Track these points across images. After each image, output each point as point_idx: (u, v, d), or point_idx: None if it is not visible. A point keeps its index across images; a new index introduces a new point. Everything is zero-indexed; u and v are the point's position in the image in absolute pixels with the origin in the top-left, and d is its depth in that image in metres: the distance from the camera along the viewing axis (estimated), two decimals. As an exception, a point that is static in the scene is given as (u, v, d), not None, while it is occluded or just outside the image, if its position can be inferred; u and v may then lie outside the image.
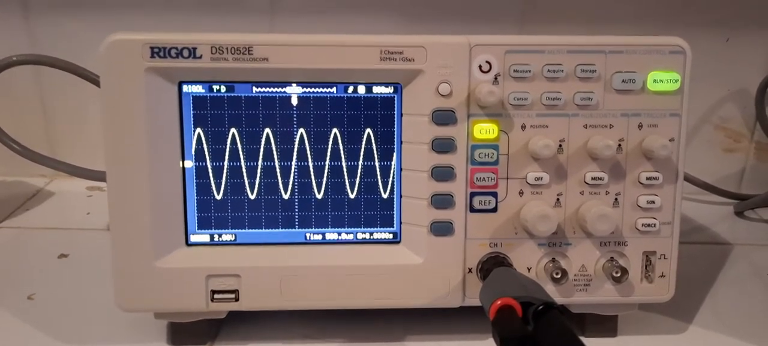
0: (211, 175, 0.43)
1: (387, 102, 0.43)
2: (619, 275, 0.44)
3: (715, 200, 0.74)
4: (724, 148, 0.74)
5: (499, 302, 0.36)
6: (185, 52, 0.40)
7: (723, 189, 0.72)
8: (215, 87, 0.42)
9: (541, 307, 0.36)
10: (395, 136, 0.43)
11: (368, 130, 0.43)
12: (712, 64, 0.71)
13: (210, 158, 0.43)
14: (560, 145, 0.43)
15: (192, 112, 0.42)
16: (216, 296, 0.43)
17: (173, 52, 0.40)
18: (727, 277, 0.59)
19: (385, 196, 0.44)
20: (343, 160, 0.43)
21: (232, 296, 0.43)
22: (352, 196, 0.44)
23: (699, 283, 0.57)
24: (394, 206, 0.44)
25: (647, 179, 0.43)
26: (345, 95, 0.42)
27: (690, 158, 0.76)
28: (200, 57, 0.40)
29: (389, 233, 0.45)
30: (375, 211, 0.44)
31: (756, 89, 0.70)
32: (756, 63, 0.71)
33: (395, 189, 0.44)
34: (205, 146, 0.42)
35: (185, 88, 0.42)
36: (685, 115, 0.43)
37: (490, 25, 0.70)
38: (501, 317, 0.35)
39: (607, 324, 0.49)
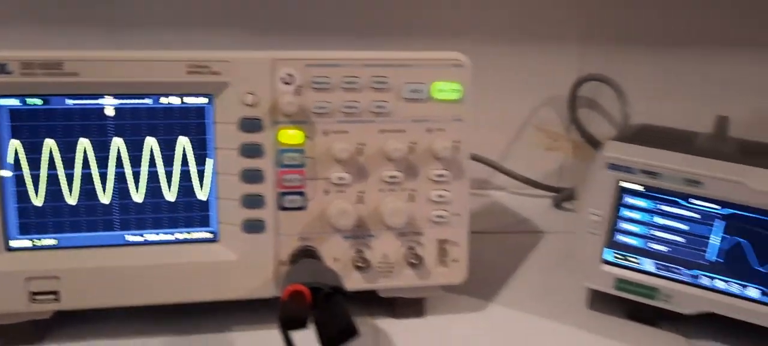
0: (29, 183, 0.45)
1: (199, 111, 0.46)
2: (416, 262, 0.50)
3: (538, 193, 0.83)
4: (545, 148, 0.83)
5: (290, 288, 0.41)
6: (-4, 68, 0.42)
7: (544, 184, 0.81)
8: (29, 100, 0.44)
9: (326, 291, 0.41)
10: (208, 142, 0.47)
11: (183, 137, 0.47)
12: (530, 74, 0.79)
13: (28, 167, 0.45)
14: (360, 149, 0.48)
15: (8, 123, 0.44)
16: (36, 297, 0.45)
17: (-16, 67, 0.42)
18: (536, 262, 0.67)
19: (202, 198, 0.48)
20: (159, 166, 0.47)
21: (53, 296, 0.45)
22: (170, 199, 0.47)
23: (509, 268, 0.65)
24: (211, 207, 0.48)
25: (437, 176, 0.50)
26: (159, 106, 0.46)
27: (516, 157, 0.85)
28: (11, 72, 0.42)
29: (208, 232, 0.48)
30: (193, 212, 0.48)
31: (568, 94, 0.80)
32: (568, 72, 0.80)
33: (211, 192, 0.48)
34: (22, 156, 0.45)
35: (0, 101, 0.44)
36: (469, 120, 0.50)
37: (332, 38, 0.75)
38: (290, 300, 0.40)
39: (415, 306, 0.55)
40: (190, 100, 0.46)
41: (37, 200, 0.45)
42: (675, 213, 0.50)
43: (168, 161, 0.47)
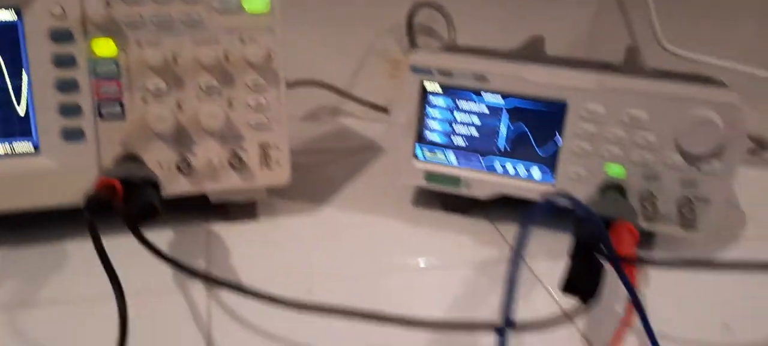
0: None
1: (9, 26, 0.48)
2: (238, 164, 0.54)
3: (385, 119, 0.88)
4: (389, 75, 0.88)
5: (100, 180, 0.44)
6: None
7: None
8: None
9: (137, 183, 0.45)
10: (22, 56, 0.49)
11: (-5, 52, 0.48)
12: (370, 4, 0.84)
13: None
14: (175, 59, 0.51)
15: None
16: None
17: None
18: (372, 174, 0.72)
19: (21, 112, 0.49)
20: (-27, 80, 0.48)
21: None
22: (-12, 113, 0.49)
23: (346, 180, 0.70)
24: (30, 119, 0.50)
25: (253, 84, 0.53)
26: (-34, 21, 0.47)
27: (364, 85, 0.90)
28: None
29: (29, 143, 0.50)
30: (14, 126, 0.49)
31: (405, 22, 0.85)
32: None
33: (29, 104, 0.49)
34: None
35: None
36: (279, 31, 0.54)
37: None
38: (99, 189, 0.43)
39: (247, 210, 0.59)
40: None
41: None
42: (469, 108, 0.57)
43: (-19, 76, 0.48)
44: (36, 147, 0.50)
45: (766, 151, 0.78)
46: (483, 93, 0.56)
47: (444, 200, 0.62)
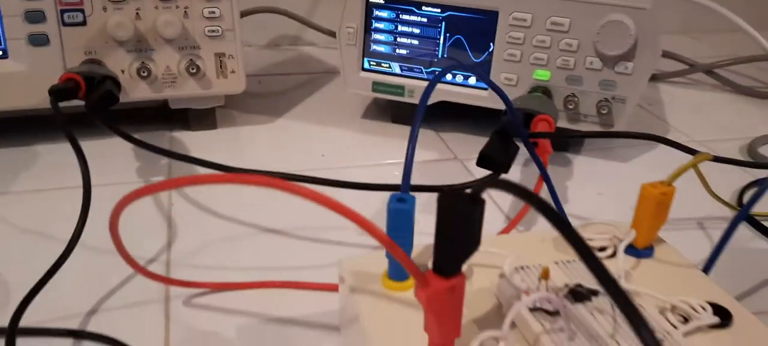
0: None
1: (-25, -64, 0.51)
2: (195, 72, 0.58)
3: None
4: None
5: (64, 75, 0.48)
6: None
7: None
8: None
9: (99, 79, 0.49)
10: (-13, -35, 0.52)
11: (-39, -40, 0.51)
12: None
13: None
14: (133, -30, 0.55)
15: None
16: None
17: None
18: (328, 94, 0.77)
19: (-12, 18, 0.53)
20: (-59, -13, 0.51)
21: None
22: (-44, 19, 0.52)
23: (304, 98, 0.75)
24: (-2, 26, 0.54)
25: (207, -5, 0.58)
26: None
27: (323, 14, 0.93)
28: None
29: (-2, 49, 0.54)
30: (-18, 32, 0.53)
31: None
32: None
33: (-3, 11, 0.53)
34: None
35: None
36: (233, -54, 0.58)
37: None
38: (61, 82, 0.47)
39: (207, 118, 0.63)
40: (-38, -77, 0.51)
41: None
42: (411, 20, 0.61)
43: (-51, -16, 0.51)
44: (4, 52, 0.54)
45: (697, 72, 0.84)
46: (423, 5, 0.60)
47: (392, 112, 0.67)
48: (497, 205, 0.52)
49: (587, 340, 0.28)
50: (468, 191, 0.24)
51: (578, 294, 0.30)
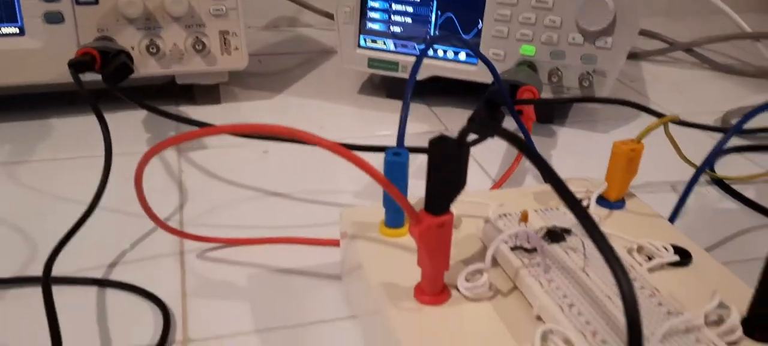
0: None
1: None
2: (201, 49, 0.62)
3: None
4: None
5: (80, 49, 0.51)
6: None
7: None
8: None
9: (113, 53, 0.52)
10: (5, -54, 0.55)
11: (-20, -58, 0.54)
12: None
13: None
14: (141, -48, 0.58)
15: None
16: None
17: None
18: (326, 72, 0.80)
19: (6, -2, 0.56)
20: (-38, -33, 0.55)
21: None
22: (-24, -2, 0.56)
23: (304, 76, 0.78)
24: (16, 4, 0.57)
25: (212, -25, 0.61)
26: None
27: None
28: None
29: (15, 27, 0.57)
30: (0, 11, 0.56)
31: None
32: None
33: (13, -9, 0.56)
34: None
35: None
36: (236, -71, 0.61)
37: None
38: (80, 55, 0.51)
39: (211, 94, 0.67)
40: None
41: None
42: (404, -1, 0.65)
43: (-31, -36, 0.55)
44: (21, 29, 0.57)
45: (677, 51, 0.88)
46: (416, -15, 0.64)
47: (387, 87, 0.71)
48: (484, 170, 0.56)
49: (561, 272, 0.32)
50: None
51: (554, 234, 0.34)
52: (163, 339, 0.36)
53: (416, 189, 0.51)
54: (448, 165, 0.28)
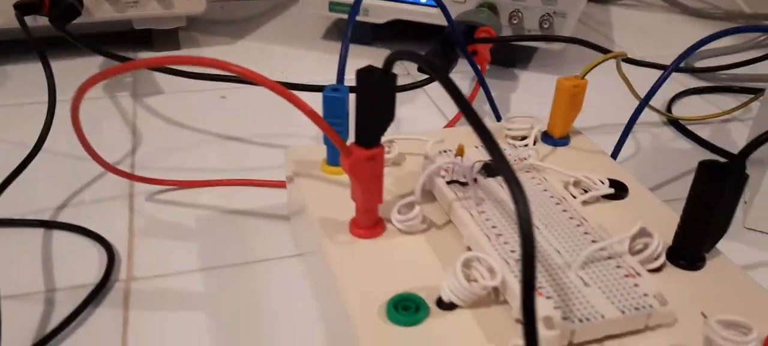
0: None
1: None
2: (157, -9, 0.61)
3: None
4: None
5: (26, -8, 0.50)
6: None
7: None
8: None
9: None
10: None
11: None
12: None
13: None
14: None
15: None
16: None
17: None
18: (291, 18, 0.79)
19: (-49, -61, 0.55)
20: None
21: None
22: None
23: (266, 22, 0.77)
24: (-40, -54, 0.55)
25: None
26: None
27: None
28: None
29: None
30: (-55, -48, 0.55)
31: None
32: None
33: (-42, -68, 0.55)
34: None
35: None
36: None
37: None
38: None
39: (170, 40, 0.66)
40: None
41: None
42: (364, -60, 0.64)
43: None
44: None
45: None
46: (376, -74, 0.63)
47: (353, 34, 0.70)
48: (440, 110, 0.56)
49: (493, 205, 0.32)
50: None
51: (489, 168, 0.34)
52: (105, 278, 0.37)
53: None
54: (375, 96, 0.28)
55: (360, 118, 0.29)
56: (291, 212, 0.40)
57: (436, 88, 0.59)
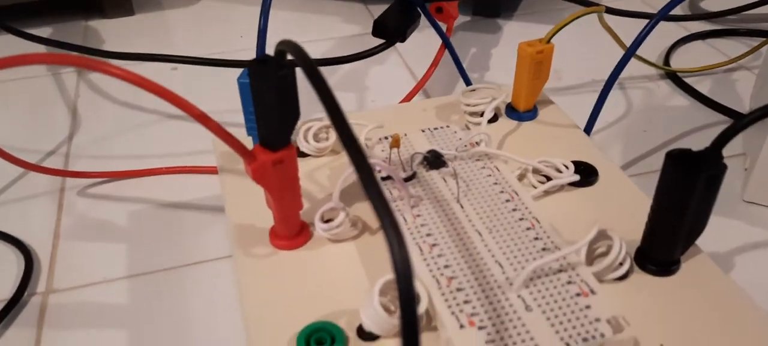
0: None
1: None
2: (100, -45, 0.56)
3: None
4: None
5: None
6: None
7: None
8: None
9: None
10: None
11: None
12: None
13: None
14: None
15: None
16: None
17: None
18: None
19: None
20: None
21: None
22: None
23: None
24: None
25: None
26: None
27: None
28: None
29: None
30: None
31: None
32: None
33: None
34: None
35: None
36: None
37: None
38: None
39: (123, 4, 0.61)
40: None
41: None
42: None
43: None
44: None
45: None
46: None
47: (318, -15, 0.65)
48: (411, 71, 0.51)
49: (432, 205, 0.28)
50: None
51: (432, 160, 0.29)
52: (19, 292, 0.33)
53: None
54: (271, 91, 0.24)
55: (259, 118, 0.25)
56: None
57: (407, 46, 0.53)
